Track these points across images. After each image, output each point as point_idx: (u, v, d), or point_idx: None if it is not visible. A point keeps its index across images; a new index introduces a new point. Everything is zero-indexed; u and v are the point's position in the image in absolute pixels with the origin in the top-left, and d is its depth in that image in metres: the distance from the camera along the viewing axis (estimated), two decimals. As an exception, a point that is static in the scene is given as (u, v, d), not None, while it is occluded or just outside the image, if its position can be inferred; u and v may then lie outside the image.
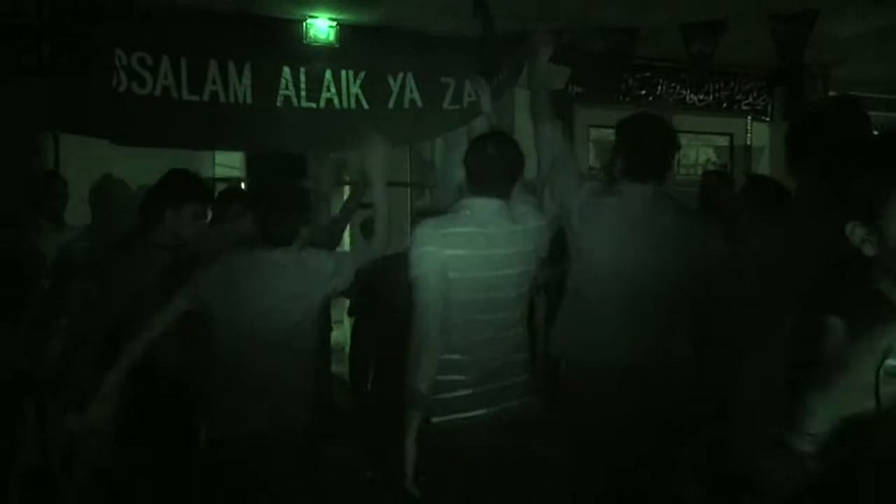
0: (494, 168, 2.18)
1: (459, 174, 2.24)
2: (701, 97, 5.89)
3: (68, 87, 3.98)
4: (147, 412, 2.71)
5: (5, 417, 3.29)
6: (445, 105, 4.80)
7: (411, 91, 4.76)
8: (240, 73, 4.40)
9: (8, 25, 3.94)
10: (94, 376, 3.01)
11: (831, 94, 6.02)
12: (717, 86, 5.91)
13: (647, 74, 5.66)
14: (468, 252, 2.10)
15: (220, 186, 4.61)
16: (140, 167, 4.17)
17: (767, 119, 6.14)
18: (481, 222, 2.14)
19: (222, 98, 4.37)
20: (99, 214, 4.17)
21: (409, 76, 4.73)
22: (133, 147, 4.11)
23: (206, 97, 4.32)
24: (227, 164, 5.53)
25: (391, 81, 4.71)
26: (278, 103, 4.49)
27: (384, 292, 4.28)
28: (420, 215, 4.57)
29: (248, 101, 4.41)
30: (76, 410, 3.08)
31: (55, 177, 3.90)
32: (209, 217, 3.15)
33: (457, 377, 2.10)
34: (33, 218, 3.68)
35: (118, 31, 4.15)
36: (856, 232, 1.24)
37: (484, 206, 2.16)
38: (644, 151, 2.39)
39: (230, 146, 5.08)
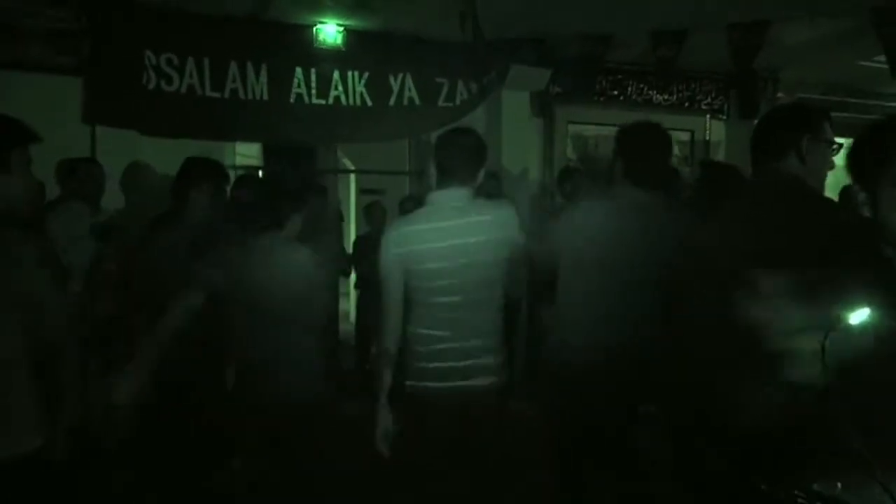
0: (457, 158, 2.19)
1: (430, 169, 2.26)
2: (666, 97, 5.92)
3: (104, 85, 3.97)
4: (180, 379, 2.72)
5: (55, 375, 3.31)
6: (440, 102, 4.82)
7: (410, 90, 4.77)
8: (257, 73, 4.40)
9: (52, 29, 3.92)
10: (134, 342, 3.05)
11: (780, 95, 6.06)
12: (680, 87, 5.95)
13: (619, 76, 5.69)
14: (428, 246, 2.12)
15: (240, 174, 4.61)
16: (168, 157, 4.20)
17: (724, 117, 6.19)
18: (440, 216, 2.15)
19: (241, 95, 4.37)
20: (130, 198, 4.18)
21: (408, 76, 4.74)
22: (162, 138, 4.11)
23: (226, 94, 4.33)
24: (247, 153, 5.53)
25: (392, 81, 4.72)
26: (291, 100, 4.50)
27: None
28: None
29: (265, 97, 4.42)
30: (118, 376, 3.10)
31: (92, 163, 3.89)
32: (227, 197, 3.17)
33: (428, 348, 2.15)
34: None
35: (148, 34, 4.14)
36: (859, 194, 1.29)
37: (446, 198, 2.17)
38: (645, 157, 2.35)
39: (249, 138, 5.08)
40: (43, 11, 3.94)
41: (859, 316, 1.40)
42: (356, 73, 4.65)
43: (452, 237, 2.12)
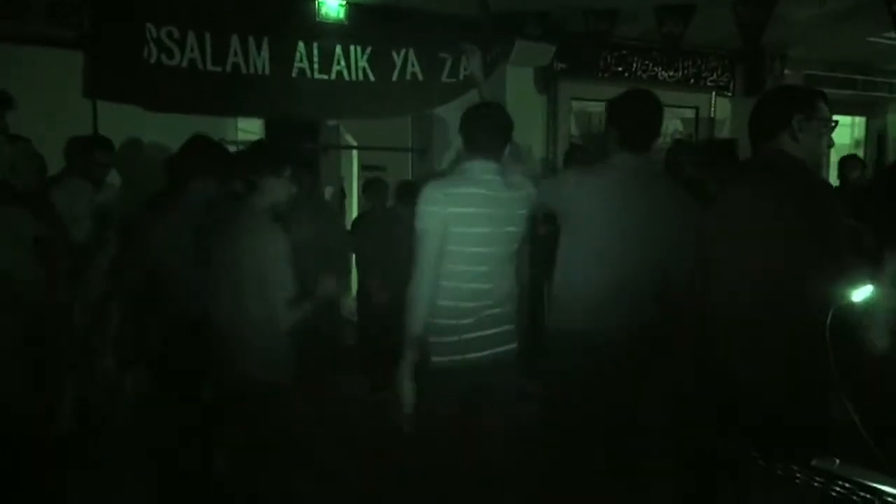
0: (488, 132, 2.22)
1: (457, 140, 2.29)
2: (671, 74, 5.89)
3: (105, 59, 3.96)
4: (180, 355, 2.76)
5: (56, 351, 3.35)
6: (443, 78, 4.80)
7: (413, 65, 4.75)
8: (259, 47, 4.38)
9: (53, 2, 3.89)
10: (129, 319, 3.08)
11: (787, 72, 6.02)
12: (685, 63, 5.92)
13: (624, 52, 5.65)
14: (469, 210, 2.15)
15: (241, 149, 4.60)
16: (170, 132, 4.19)
17: (730, 94, 6.16)
18: (479, 183, 2.19)
19: (243, 69, 4.36)
20: (128, 176, 4.18)
21: (411, 51, 4.72)
22: (163, 113, 4.10)
23: (228, 68, 4.31)
24: (248, 129, 5.52)
25: (395, 56, 4.70)
26: (294, 74, 4.49)
27: (386, 242, 4.36)
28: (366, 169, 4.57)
29: (267, 72, 4.40)
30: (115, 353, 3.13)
31: (104, 144, 3.85)
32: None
33: (455, 322, 2.17)
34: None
35: (149, 7, 4.12)
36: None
37: (481, 168, 2.21)
38: (637, 123, 2.38)
39: (250, 113, 5.07)
40: (43, -17, 3.92)
41: (863, 293, 1.43)
42: (359, 48, 4.63)
43: (488, 205, 2.17)
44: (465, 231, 2.15)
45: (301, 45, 4.48)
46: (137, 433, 3.47)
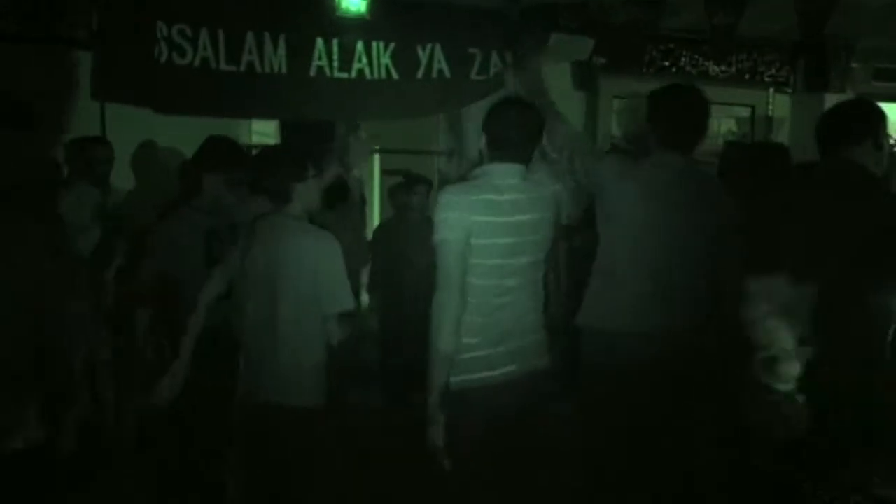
0: (514, 133, 2.14)
1: (480, 141, 2.21)
2: (724, 68, 5.77)
3: (113, 59, 4.01)
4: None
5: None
6: (472, 75, 4.76)
7: (439, 62, 4.72)
8: (275, 44, 4.38)
9: (61, 1, 3.99)
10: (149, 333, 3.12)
11: (854, 65, 5.87)
12: (739, 57, 5.79)
13: (671, 46, 5.55)
14: (491, 218, 2.08)
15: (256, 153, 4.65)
16: (181, 135, 4.26)
17: (789, 90, 6.00)
18: (501, 189, 2.11)
19: (258, 68, 4.36)
20: (142, 180, 4.26)
21: (438, 47, 4.68)
22: (174, 115, 4.16)
23: (242, 67, 4.32)
24: (263, 131, 5.57)
25: (420, 52, 4.67)
26: (312, 73, 4.47)
27: (409, 255, 4.36)
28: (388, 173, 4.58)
29: (283, 70, 4.40)
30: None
31: (101, 142, 3.96)
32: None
33: (473, 340, 2.10)
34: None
35: (160, 4, 4.16)
36: None
37: (504, 172, 2.13)
38: (679, 121, 2.38)
39: (266, 115, 5.10)
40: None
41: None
42: (381, 44, 4.61)
43: (518, 212, 2.10)
44: (488, 242, 2.08)
45: (320, 41, 4.47)
46: (147, 454, 3.52)
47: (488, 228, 2.08)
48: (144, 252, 3.24)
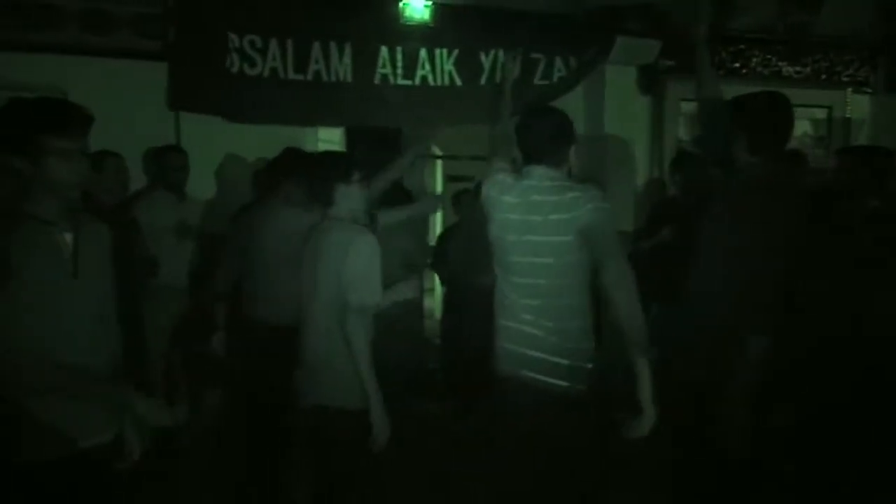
0: (535, 139, 2.28)
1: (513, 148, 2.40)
2: (798, 69, 5.58)
3: (188, 70, 4.20)
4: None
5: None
6: (536, 80, 4.75)
7: (502, 68, 4.75)
8: (341, 53, 4.50)
9: (138, 14, 4.20)
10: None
11: (941, 63, 5.60)
12: (815, 57, 5.59)
13: (741, 47, 5.41)
14: (503, 216, 2.27)
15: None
16: (249, 144, 4.42)
17: (869, 91, 5.76)
18: (524, 189, 2.25)
19: (325, 77, 4.48)
20: (222, 188, 4.46)
21: (501, 53, 4.71)
22: (244, 124, 4.32)
23: (309, 76, 4.45)
24: (329, 139, 5.70)
25: (483, 58, 4.70)
26: (376, 81, 4.56)
27: (470, 263, 4.37)
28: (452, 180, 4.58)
29: (349, 79, 4.51)
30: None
31: (176, 150, 4.14)
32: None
33: (507, 324, 2.26)
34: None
35: (232, 15, 4.32)
36: None
37: (531, 173, 2.27)
38: (770, 128, 2.38)
39: (331, 122, 5.21)
40: (130, -4, 4.23)
41: None
42: (445, 51, 4.67)
43: (525, 212, 2.21)
44: (505, 238, 2.26)
45: (384, 49, 4.56)
46: (210, 456, 3.64)
47: (506, 225, 2.27)
48: (217, 256, 3.38)
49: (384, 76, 4.58)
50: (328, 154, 2.78)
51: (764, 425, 2.43)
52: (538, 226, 2.16)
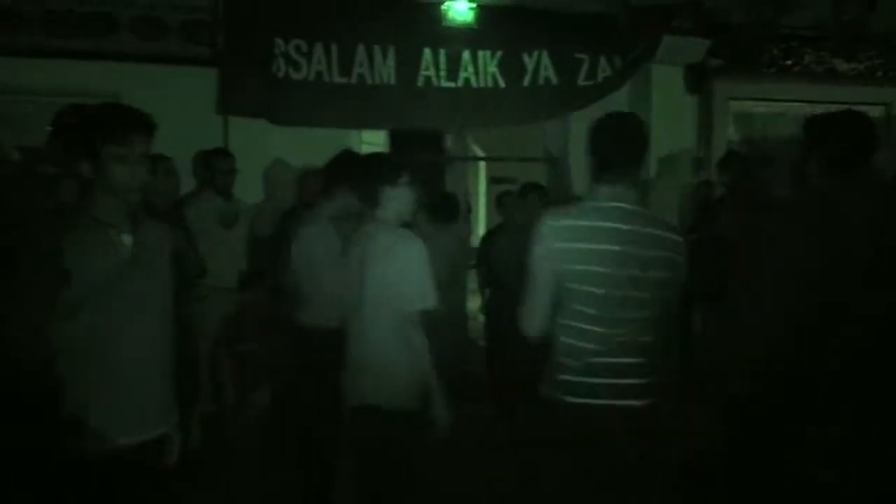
0: (618, 145, 2.06)
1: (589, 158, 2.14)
2: (853, 66, 5.41)
3: (237, 75, 4.30)
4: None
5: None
6: (580, 81, 4.74)
7: (546, 69, 4.73)
8: (384, 56, 4.55)
9: (188, 21, 4.31)
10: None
11: None
12: (870, 53, 5.42)
13: (793, 44, 5.27)
14: (578, 245, 2.00)
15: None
16: (296, 147, 4.49)
17: (929, 87, 5.56)
18: (603, 215, 2.02)
19: (368, 80, 4.54)
20: (270, 193, 4.54)
21: (544, 54, 4.70)
22: (290, 127, 4.39)
23: (353, 79, 4.52)
24: (372, 142, 5.76)
25: (526, 59, 4.71)
26: (419, 83, 4.61)
27: (515, 266, 4.36)
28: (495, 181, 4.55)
29: (392, 81, 4.56)
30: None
31: (224, 154, 4.23)
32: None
33: (566, 360, 2.06)
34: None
35: (279, 21, 4.42)
36: None
37: (609, 194, 2.04)
38: (851, 147, 2.25)
39: (375, 125, 5.27)
40: (182, 3, 4.34)
41: None
42: (488, 53, 4.68)
43: (613, 241, 1.99)
44: (579, 269, 2.00)
45: (427, 51, 4.60)
46: (259, 454, 3.71)
47: (580, 255, 2.00)
48: (264, 259, 3.44)
49: (427, 78, 4.61)
50: (375, 156, 2.80)
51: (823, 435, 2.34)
52: (635, 258, 2.04)
